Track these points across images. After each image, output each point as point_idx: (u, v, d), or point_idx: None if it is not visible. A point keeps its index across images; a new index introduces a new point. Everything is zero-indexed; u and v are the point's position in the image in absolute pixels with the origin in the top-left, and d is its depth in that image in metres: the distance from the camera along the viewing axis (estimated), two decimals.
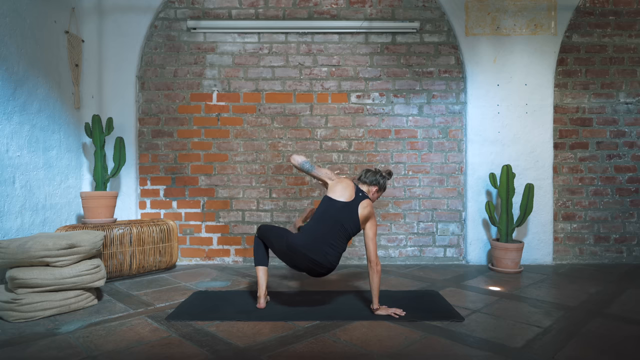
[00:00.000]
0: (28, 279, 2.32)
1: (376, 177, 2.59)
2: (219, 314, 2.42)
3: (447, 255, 3.96)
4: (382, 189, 2.63)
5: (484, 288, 3.04)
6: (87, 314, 2.45)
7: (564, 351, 1.93)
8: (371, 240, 2.40)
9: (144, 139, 3.95)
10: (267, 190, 3.96)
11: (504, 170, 3.63)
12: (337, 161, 3.96)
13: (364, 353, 1.91)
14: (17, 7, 2.98)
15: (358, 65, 3.96)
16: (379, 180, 2.59)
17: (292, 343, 2.02)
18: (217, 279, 3.30)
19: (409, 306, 2.53)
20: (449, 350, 1.94)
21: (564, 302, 2.68)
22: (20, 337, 2.10)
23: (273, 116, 3.96)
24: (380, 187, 2.61)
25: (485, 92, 3.86)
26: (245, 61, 3.95)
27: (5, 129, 2.87)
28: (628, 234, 3.98)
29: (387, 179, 2.64)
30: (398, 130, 3.96)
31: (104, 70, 3.86)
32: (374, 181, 2.59)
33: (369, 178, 2.59)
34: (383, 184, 2.61)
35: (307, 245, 2.33)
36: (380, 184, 2.60)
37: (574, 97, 3.99)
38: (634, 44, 3.97)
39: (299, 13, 3.94)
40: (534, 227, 3.86)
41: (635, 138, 3.99)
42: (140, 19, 3.84)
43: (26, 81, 3.07)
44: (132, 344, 2.01)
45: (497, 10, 3.85)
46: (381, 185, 2.61)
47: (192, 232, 3.96)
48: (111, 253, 3.22)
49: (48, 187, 3.32)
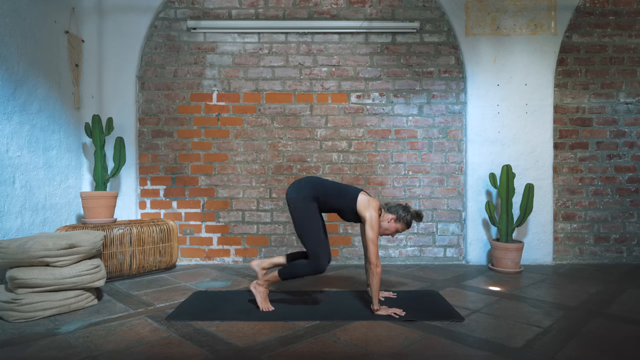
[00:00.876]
0: (28, 279, 2.32)
1: (398, 209, 2.55)
2: (219, 314, 2.42)
3: (447, 255, 3.96)
4: (399, 220, 2.53)
5: (484, 288, 3.04)
6: (87, 314, 2.45)
7: (564, 351, 1.93)
8: (371, 241, 2.39)
9: (144, 139, 3.95)
10: (267, 190, 3.96)
11: (504, 170, 3.63)
12: (337, 161, 3.96)
13: (364, 353, 1.91)
14: (17, 7, 2.98)
15: (358, 65, 3.96)
16: (399, 211, 2.54)
17: (292, 343, 2.02)
18: (217, 279, 3.30)
19: (409, 306, 2.53)
20: (449, 350, 1.94)
21: (564, 302, 2.68)
22: (20, 337, 2.10)
23: (273, 116, 3.96)
24: (398, 218, 2.53)
25: (485, 92, 3.86)
26: (245, 61, 3.95)
27: (5, 129, 2.87)
28: (628, 234, 3.98)
29: (409, 215, 2.54)
30: (398, 130, 3.96)
31: (104, 70, 3.86)
32: (394, 211, 2.55)
33: (392, 208, 2.56)
34: (404, 217, 2.53)
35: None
36: (399, 215, 2.53)
37: (574, 97, 3.99)
38: (634, 44, 3.97)
39: (299, 13, 3.94)
40: (534, 227, 3.86)
41: (635, 138, 3.99)
42: (140, 19, 3.85)
43: (26, 81, 3.07)
44: (132, 344, 2.01)
45: (497, 10, 3.85)
46: (400, 216, 2.53)
47: (192, 232, 3.96)
48: (111, 253, 3.22)
49: (48, 187, 3.32)
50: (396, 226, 2.55)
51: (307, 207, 2.44)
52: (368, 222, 2.42)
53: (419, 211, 2.59)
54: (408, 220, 2.54)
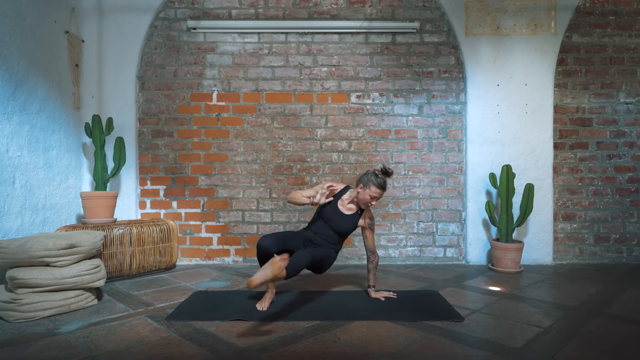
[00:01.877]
0: (28, 279, 2.32)
1: (362, 176, 2.57)
2: (219, 314, 2.42)
3: (447, 255, 3.96)
4: (366, 185, 2.50)
5: (484, 288, 3.04)
6: (87, 314, 2.45)
7: (564, 351, 1.93)
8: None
9: (144, 139, 3.95)
10: (267, 190, 3.96)
11: (504, 170, 3.63)
12: (337, 161, 3.96)
13: (364, 353, 1.91)
14: (17, 7, 2.98)
15: (358, 65, 3.96)
16: (363, 178, 2.55)
17: (292, 343, 2.02)
18: (217, 279, 3.30)
19: (409, 306, 2.53)
20: (449, 350, 1.94)
21: (564, 302, 2.68)
22: (20, 337, 2.10)
23: (273, 116, 3.96)
24: (364, 184, 2.51)
25: (485, 92, 3.86)
26: (245, 61, 3.95)
27: (5, 129, 2.87)
28: (628, 234, 3.98)
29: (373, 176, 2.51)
30: (398, 130, 3.96)
31: (104, 70, 3.86)
32: (360, 180, 2.57)
33: (360, 179, 2.59)
34: (367, 180, 2.51)
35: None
36: (363, 180, 2.53)
37: (574, 97, 3.99)
38: (634, 44, 3.97)
39: (299, 13, 3.94)
40: (534, 227, 3.86)
41: (635, 138, 3.99)
42: (140, 19, 3.84)
43: (26, 81, 3.07)
44: (132, 344, 2.01)
45: (497, 10, 3.85)
46: (364, 181, 2.51)
47: (192, 232, 3.96)
48: (111, 253, 3.22)
49: (48, 187, 3.32)
50: (367, 192, 2.51)
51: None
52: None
53: (383, 167, 2.49)
54: (373, 180, 2.49)
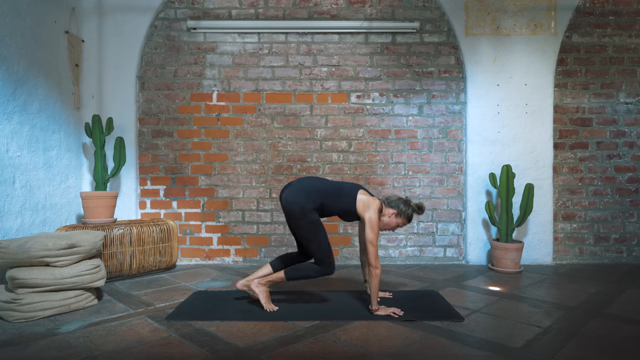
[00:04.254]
0: (28, 279, 2.32)
1: (399, 203, 2.52)
2: (219, 314, 2.42)
3: (447, 255, 3.96)
4: (400, 214, 2.50)
5: (484, 288, 3.04)
6: (87, 314, 2.45)
7: (564, 351, 1.93)
8: (371, 243, 2.37)
9: (144, 139, 3.95)
10: (267, 190, 3.96)
11: (504, 170, 3.63)
12: (337, 161, 3.96)
13: (364, 353, 1.91)
14: (17, 7, 2.98)
15: (358, 65, 3.96)
16: (400, 205, 2.51)
17: (292, 343, 2.02)
18: (217, 279, 3.30)
19: (409, 306, 2.53)
20: (449, 350, 1.94)
21: (564, 302, 2.68)
22: (20, 337, 2.10)
23: (273, 116, 3.96)
24: (399, 213, 2.50)
25: (485, 92, 3.86)
26: (245, 61, 3.95)
27: (5, 129, 2.87)
28: (628, 234, 3.98)
29: (410, 209, 2.50)
30: (398, 130, 3.96)
31: (104, 70, 3.86)
32: (395, 206, 2.52)
33: (393, 202, 2.53)
34: (405, 211, 2.50)
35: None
36: (400, 209, 2.50)
37: (574, 97, 3.99)
38: (634, 44, 3.97)
39: (299, 13, 3.94)
40: (534, 227, 3.86)
41: (635, 138, 3.99)
42: (140, 19, 3.85)
43: (26, 81, 3.07)
44: (132, 344, 2.01)
45: (497, 10, 3.85)
46: (401, 210, 2.50)
47: (192, 232, 3.96)
48: (111, 253, 3.22)
49: (48, 187, 3.32)
50: (397, 221, 2.53)
51: (312, 219, 2.43)
52: (368, 223, 2.40)
53: (419, 203, 2.53)
54: (409, 214, 2.52)
